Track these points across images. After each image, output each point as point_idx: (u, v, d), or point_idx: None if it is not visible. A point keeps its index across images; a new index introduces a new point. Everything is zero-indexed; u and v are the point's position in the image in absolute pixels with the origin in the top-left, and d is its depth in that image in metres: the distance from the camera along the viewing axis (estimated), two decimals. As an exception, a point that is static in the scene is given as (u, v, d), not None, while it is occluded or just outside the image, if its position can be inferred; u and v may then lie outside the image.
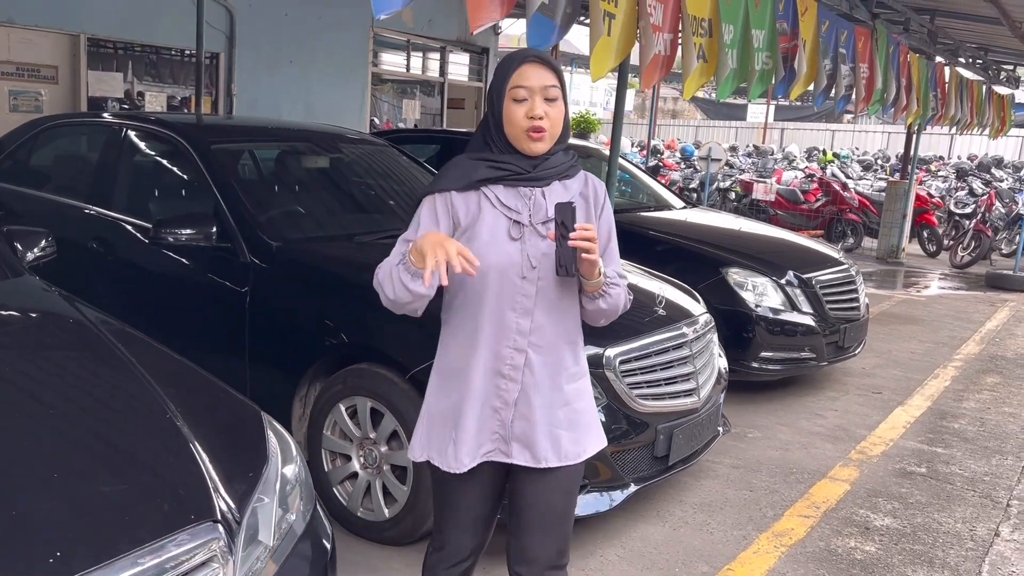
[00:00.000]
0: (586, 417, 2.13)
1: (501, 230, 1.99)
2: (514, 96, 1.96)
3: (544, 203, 2.00)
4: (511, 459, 2.05)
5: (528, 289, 1.99)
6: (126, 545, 1.54)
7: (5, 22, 7.49)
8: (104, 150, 4.40)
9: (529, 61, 1.98)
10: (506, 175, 1.99)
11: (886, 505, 3.92)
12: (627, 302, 2.13)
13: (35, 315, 2.48)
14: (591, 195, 2.09)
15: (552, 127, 1.98)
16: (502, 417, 2.03)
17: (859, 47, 6.22)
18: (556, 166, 2.03)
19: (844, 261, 5.78)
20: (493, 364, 2.02)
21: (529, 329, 2.01)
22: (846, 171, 15.52)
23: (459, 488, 2.10)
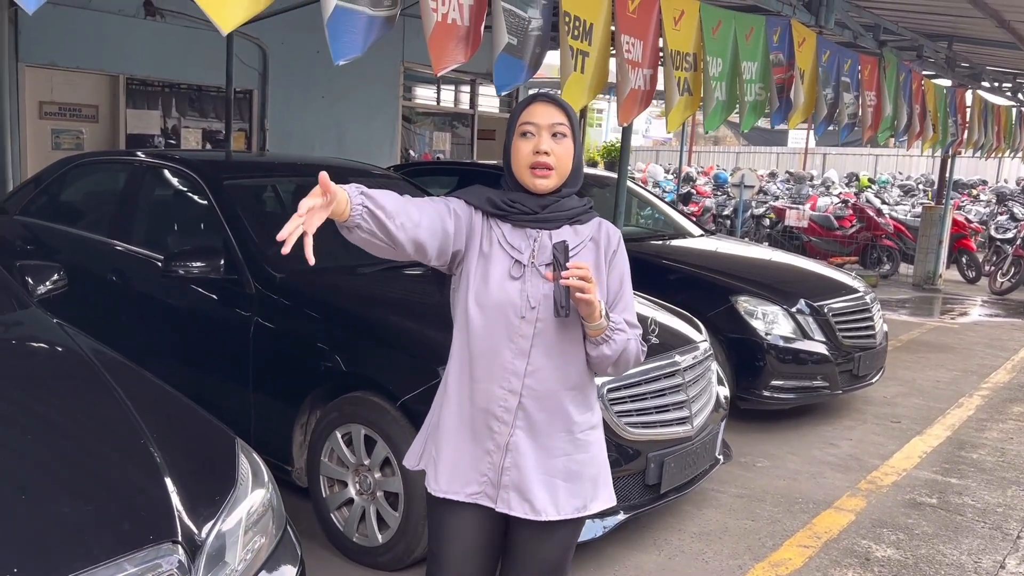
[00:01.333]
0: (591, 470, 2.05)
1: (504, 269, 1.98)
2: (522, 132, 1.97)
3: (549, 244, 1.98)
4: (497, 507, 2.00)
5: (525, 330, 1.96)
6: (81, 563, 1.64)
7: (48, 64, 7.85)
8: (125, 186, 4.60)
9: (539, 100, 2.00)
10: (512, 212, 1.99)
11: (890, 536, 3.87)
12: (640, 353, 2.07)
13: (31, 344, 2.62)
14: (602, 240, 2.06)
15: (559, 165, 1.97)
16: (493, 460, 2.00)
17: (864, 75, 6.22)
18: (567, 209, 2.02)
19: (859, 288, 5.73)
20: (486, 404, 1.99)
21: (524, 371, 1.97)
22: (882, 196, 15.31)
23: (448, 521, 2.05)
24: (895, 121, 6.77)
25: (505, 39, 3.00)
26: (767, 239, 13.05)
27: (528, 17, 3.14)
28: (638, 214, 7.21)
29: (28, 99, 7.82)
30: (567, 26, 3.34)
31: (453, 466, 2.03)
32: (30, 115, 7.88)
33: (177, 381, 2.57)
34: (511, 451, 1.99)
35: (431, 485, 2.06)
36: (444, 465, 2.04)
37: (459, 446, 2.03)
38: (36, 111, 7.95)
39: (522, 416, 1.99)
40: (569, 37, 3.33)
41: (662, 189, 17.84)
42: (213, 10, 2.06)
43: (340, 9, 2.39)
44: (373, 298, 3.68)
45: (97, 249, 4.42)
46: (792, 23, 5.27)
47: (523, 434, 1.99)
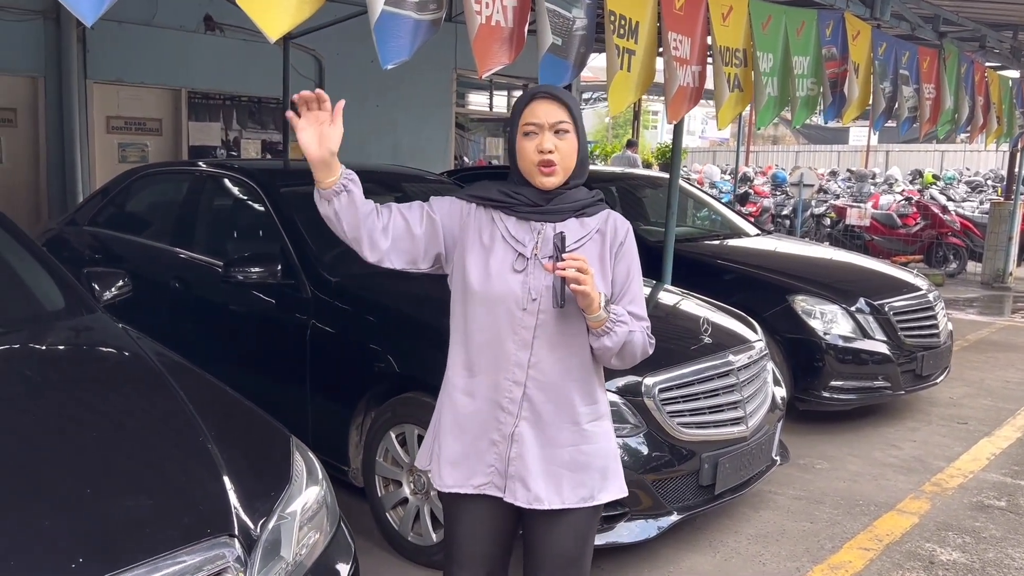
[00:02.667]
0: (598, 461, 2.07)
1: (507, 261, 2.01)
2: (524, 131, 1.99)
3: (551, 237, 1.98)
4: (505, 497, 2.03)
5: (528, 321, 1.99)
6: (143, 554, 1.70)
7: (115, 80, 8.14)
8: (187, 195, 4.75)
9: (539, 97, 2.00)
10: (516, 204, 2.02)
11: (956, 539, 3.77)
12: (647, 344, 2.07)
13: (98, 348, 2.72)
14: (609, 232, 2.06)
15: (563, 160, 1.99)
16: (500, 451, 2.02)
17: (923, 68, 6.05)
18: (572, 201, 2.04)
19: (921, 287, 5.58)
20: (491, 395, 2.02)
21: (528, 362, 1.99)
22: (948, 193, 14.88)
23: (457, 519, 2.10)
24: (956, 114, 6.57)
25: (550, 40, 3.02)
26: (827, 238, 12.79)
27: (572, 17, 3.15)
28: (694, 215, 7.15)
29: (96, 114, 8.13)
30: (612, 25, 3.34)
31: (457, 460, 2.06)
32: (98, 130, 8.20)
33: (237, 383, 2.65)
34: (516, 441, 2.02)
35: (436, 482, 2.10)
36: (447, 460, 2.08)
37: (464, 439, 2.05)
38: (104, 126, 8.26)
39: (527, 407, 2.01)
40: (615, 36, 3.33)
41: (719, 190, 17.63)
42: (260, 18, 2.13)
43: (386, 14, 2.44)
44: (424, 300, 3.72)
45: (160, 256, 4.56)
46: (846, 16, 5.17)
47: (528, 425, 2.02)
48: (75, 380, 2.42)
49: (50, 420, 2.13)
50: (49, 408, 2.20)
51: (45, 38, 7.60)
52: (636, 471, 3.17)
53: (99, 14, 1.79)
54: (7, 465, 1.87)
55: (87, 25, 1.81)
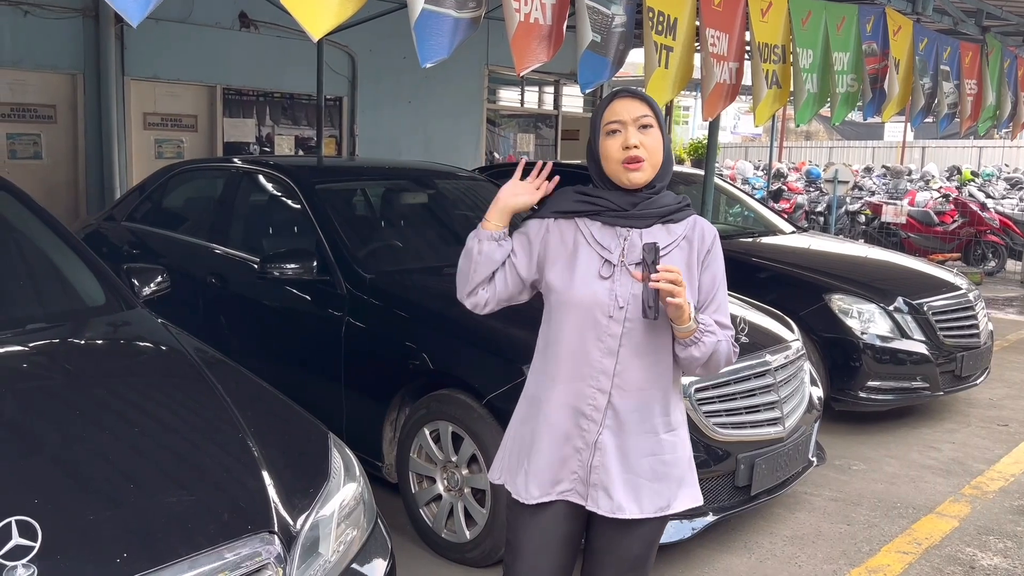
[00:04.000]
0: (676, 471, 2.05)
1: (592, 267, 1.98)
2: (608, 130, 1.97)
3: (639, 244, 1.95)
4: (587, 504, 2.01)
5: (614, 329, 1.96)
6: (185, 549, 1.72)
7: (151, 77, 8.23)
8: (223, 192, 4.80)
9: (620, 96, 2.00)
10: (600, 211, 1.99)
11: (997, 544, 3.70)
12: (731, 354, 2.04)
13: (138, 343, 2.75)
14: (696, 239, 2.02)
15: (651, 156, 1.95)
16: (583, 458, 2.00)
17: (965, 63, 5.93)
18: (659, 207, 2.00)
19: (961, 286, 5.49)
20: (574, 402, 1.99)
21: (614, 371, 1.97)
22: (987, 190, 14.61)
23: (528, 527, 2.06)
24: (997, 110, 6.44)
25: (589, 37, 3.00)
26: (863, 236, 12.62)
27: (612, 14, 3.13)
28: (727, 211, 7.08)
29: (133, 111, 8.23)
30: (651, 21, 3.31)
31: (544, 468, 2.03)
32: (135, 126, 8.29)
33: (272, 379, 2.67)
34: (599, 449, 1.99)
35: (522, 495, 2.05)
36: (536, 470, 2.04)
37: (550, 447, 2.02)
38: (141, 122, 8.36)
39: (611, 415, 1.99)
40: (653, 32, 3.30)
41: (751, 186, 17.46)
42: (303, 17, 2.13)
43: (427, 12, 2.43)
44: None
45: (196, 252, 4.60)
46: (887, 11, 5.08)
47: (610, 433, 1.99)
48: (116, 375, 2.45)
49: (92, 415, 2.15)
50: (91, 403, 2.23)
51: (84, 36, 7.71)
52: (671, 471, 3.14)
53: (145, 14, 1.81)
54: (52, 460, 1.90)
55: (132, 25, 1.83)
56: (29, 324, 2.65)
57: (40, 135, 7.79)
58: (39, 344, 2.55)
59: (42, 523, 1.59)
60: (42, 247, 3.12)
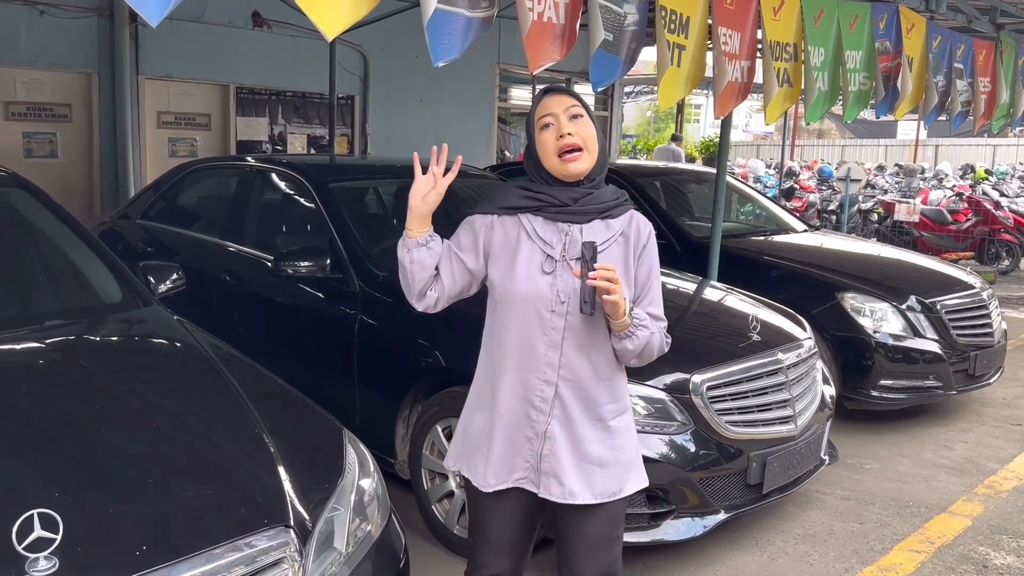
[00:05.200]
0: (625, 455, 2.14)
1: (535, 262, 2.04)
2: (542, 124, 2.04)
3: (579, 239, 2.02)
4: (540, 492, 2.09)
5: (557, 323, 2.03)
6: (203, 543, 1.74)
7: (165, 76, 8.29)
8: (238, 190, 4.83)
9: (549, 93, 2.08)
10: (543, 206, 2.05)
11: (1010, 543, 3.69)
12: (664, 345, 2.12)
13: (155, 340, 2.78)
14: (633, 234, 2.10)
15: (586, 143, 2.02)
16: (534, 448, 2.08)
17: (979, 61, 5.91)
18: (600, 203, 2.07)
19: (974, 284, 5.46)
20: (523, 393, 2.07)
21: (559, 363, 2.04)
22: (1000, 188, 14.52)
23: (489, 509, 2.16)
24: (1011, 108, 6.41)
25: (602, 35, 3.01)
26: (875, 235, 12.57)
27: (624, 13, 3.14)
28: (738, 210, 7.08)
29: (147, 109, 8.29)
30: (663, 20, 3.32)
31: (500, 458, 2.11)
32: (149, 124, 8.36)
33: (285, 376, 2.68)
34: (549, 439, 2.07)
35: (482, 483, 2.14)
36: (493, 459, 2.12)
37: (503, 437, 2.10)
38: (155, 121, 8.42)
39: (559, 405, 2.07)
40: (665, 31, 3.31)
41: (763, 184, 17.41)
42: (318, 17, 2.15)
43: (440, 12, 2.45)
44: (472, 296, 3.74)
45: (210, 250, 4.64)
46: (900, 9, 5.07)
47: (559, 423, 2.07)
48: (133, 371, 2.48)
49: (110, 411, 2.18)
50: (109, 399, 2.25)
51: (99, 35, 7.77)
52: (683, 469, 3.16)
53: (164, 15, 1.83)
54: (72, 455, 1.93)
55: (152, 25, 1.85)
56: (48, 320, 2.68)
57: (56, 134, 7.86)
58: (58, 340, 2.57)
59: (63, 516, 1.61)
60: (60, 244, 3.15)
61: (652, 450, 3.12)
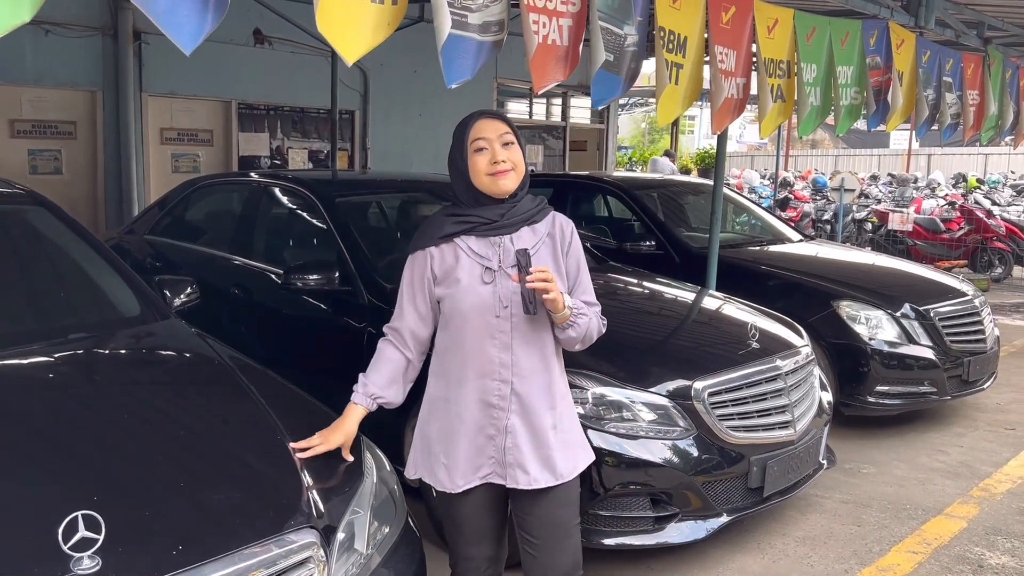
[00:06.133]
0: (573, 436, 2.34)
1: (476, 276, 2.22)
2: (475, 148, 2.20)
3: (512, 248, 2.22)
4: (507, 483, 2.25)
5: (504, 326, 2.21)
6: (235, 542, 1.83)
7: (168, 93, 8.40)
8: (245, 205, 4.93)
9: (482, 117, 2.24)
10: (474, 227, 2.23)
11: (1005, 543, 3.78)
12: (601, 327, 2.33)
13: (176, 352, 2.87)
14: (557, 234, 2.30)
15: (515, 166, 2.21)
16: (497, 443, 2.25)
17: (967, 74, 6.06)
18: (522, 212, 2.25)
19: (967, 292, 5.58)
20: (483, 396, 2.23)
21: (511, 362, 2.22)
22: (992, 197, 14.69)
23: (460, 506, 2.32)
24: (1000, 120, 6.57)
25: (603, 56, 3.13)
26: (869, 244, 12.71)
27: (624, 34, 3.26)
28: (735, 220, 7.19)
29: (151, 126, 8.40)
30: (662, 40, 3.45)
31: (465, 460, 2.26)
32: (152, 141, 8.46)
33: (297, 386, 2.78)
34: (510, 432, 2.24)
35: (447, 485, 2.28)
36: (458, 463, 2.26)
37: (466, 441, 2.26)
38: (158, 137, 8.53)
39: (515, 400, 2.24)
40: (664, 51, 3.43)
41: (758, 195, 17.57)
42: (338, 44, 2.26)
43: (453, 36, 2.57)
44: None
45: (219, 264, 4.73)
46: (890, 25, 5.21)
47: (517, 416, 2.24)
48: (158, 382, 2.58)
49: (139, 419, 2.27)
50: (137, 408, 2.35)
51: (103, 53, 7.88)
52: (686, 473, 3.25)
53: (197, 43, 1.94)
54: (107, 461, 2.02)
55: (186, 53, 1.95)
56: (72, 334, 2.77)
57: (61, 151, 7.96)
58: (83, 353, 2.66)
59: (104, 518, 1.70)
60: (79, 260, 3.24)
61: (656, 455, 3.22)
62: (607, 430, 3.19)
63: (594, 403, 3.23)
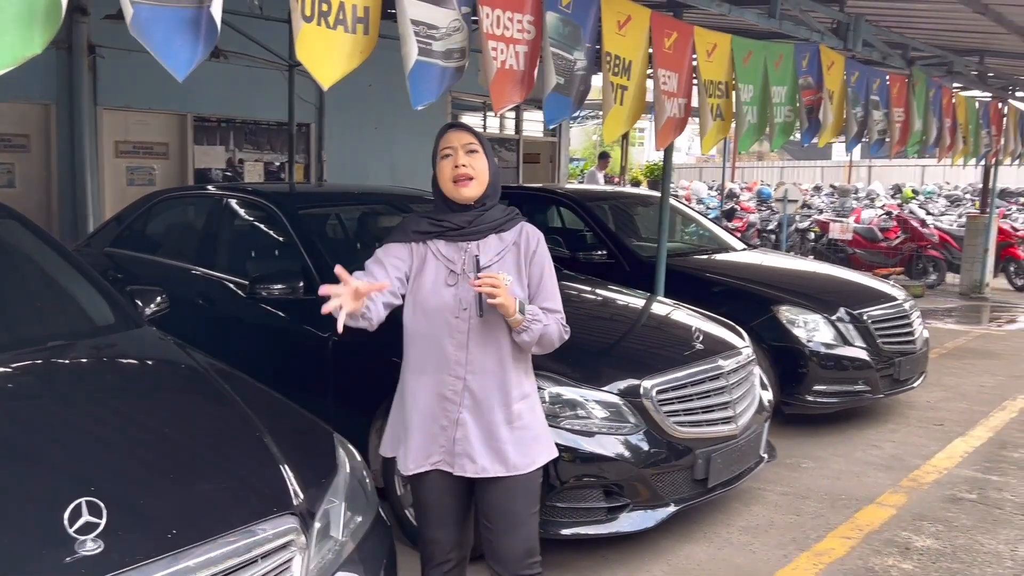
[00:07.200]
0: (531, 432, 2.48)
1: (441, 277, 2.41)
2: (442, 155, 2.40)
3: (477, 254, 2.39)
4: (455, 471, 2.42)
5: (461, 326, 2.39)
6: (225, 526, 2.00)
7: (123, 107, 8.44)
8: (208, 218, 5.04)
9: (452, 128, 2.45)
10: (444, 231, 2.41)
11: (930, 528, 4.08)
12: (563, 333, 2.47)
13: (153, 359, 3.01)
14: (523, 243, 2.46)
15: (478, 175, 2.39)
16: (448, 434, 2.42)
17: (893, 93, 6.46)
18: (491, 221, 2.43)
19: (898, 296, 5.93)
20: (438, 388, 2.41)
21: (466, 360, 2.39)
22: (927, 207, 15.33)
23: (419, 489, 2.51)
24: (924, 136, 6.99)
25: (554, 80, 3.37)
26: (812, 252, 13.18)
27: (574, 59, 3.50)
28: (683, 231, 7.49)
29: (105, 139, 8.42)
30: (608, 64, 3.70)
31: (417, 446, 2.44)
32: (107, 154, 8.48)
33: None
34: (461, 425, 2.41)
35: (402, 466, 2.49)
36: (411, 448, 2.45)
37: (421, 428, 2.44)
38: (113, 150, 8.55)
39: (468, 396, 2.40)
40: (610, 74, 3.69)
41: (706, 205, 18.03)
42: (315, 69, 2.45)
43: (419, 63, 2.77)
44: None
45: (183, 276, 4.83)
46: (820, 48, 5.56)
47: (468, 411, 2.41)
48: (142, 385, 2.72)
49: (128, 419, 2.42)
50: (124, 412, 2.49)
51: (57, 66, 7.89)
52: (637, 466, 3.48)
53: (190, 71, 2.10)
54: (104, 456, 2.17)
55: (179, 79, 2.12)
56: (50, 341, 2.89)
57: (14, 164, 7.94)
58: (64, 358, 2.79)
59: (105, 505, 1.86)
60: (52, 271, 3.35)
61: (608, 449, 3.44)
62: (563, 427, 3.40)
63: (551, 402, 3.43)
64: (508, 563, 2.49)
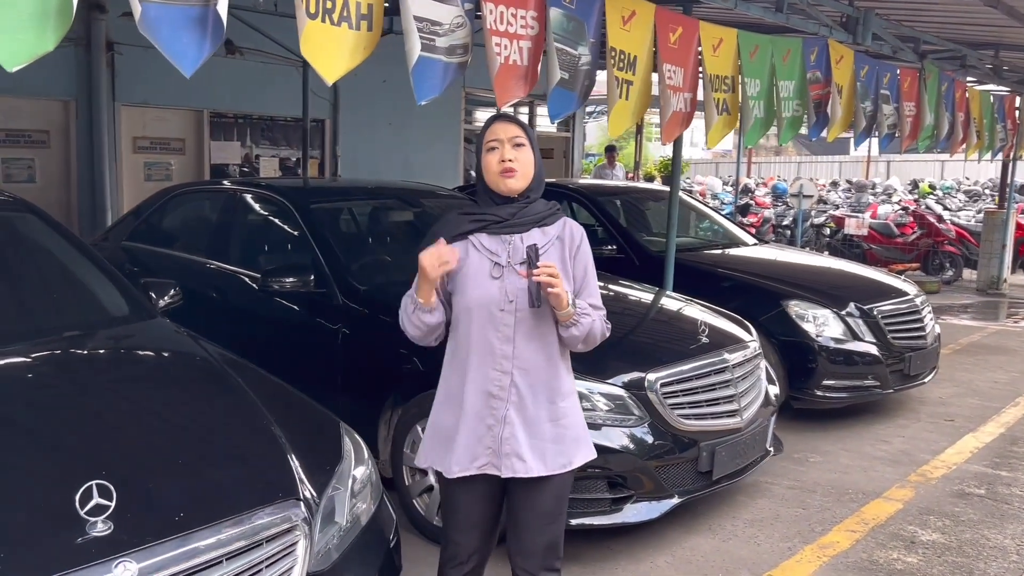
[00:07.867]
0: (572, 432, 2.44)
1: (484, 270, 2.37)
2: (488, 147, 2.38)
3: (521, 246, 2.36)
4: (503, 473, 2.37)
5: (507, 319, 2.35)
6: (230, 511, 2.06)
7: (141, 103, 8.54)
8: (222, 212, 5.12)
9: (499, 120, 2.42)
10: (487, 224, 2.39)
11: (936, 522, 4.09)
12: (605, 330, 2.44)
13: (166, 350, 3.08)
14: (567, 237, 2.43)
15: (523, 168, 2.37)
16: (495, 433, 2.36)
17: (904, 87, 6.45)
18: (534, 214, 2.41)
19: (909, 291, 5.92)
20: (484, 386, 2.36)
21: (512, 354, 2.35)
22: (944, 203, 15.23)
23: (457, 494, 2.45)
24: (935, 130, 6.97)
25: (558, 75, 3.40)
26: (827, 248, 13.14)
27: (578, 54, 3.54)
28: (695, 226, 7.51)
29: (123, 135, 8.53)
30: (613, 59, 3.73)
31: (463, 449, 2.39)
32: (125, 150, 8.59)
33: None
34: (508, 423, 2.36)
35: (448, 471, 2.41)
36: (456, 449, 2.39)
37: (466, 429, 2.38)
38: (131, 146, 8.66)
39: (514, 392, 2.36)
40: (615, 69, 3.72)
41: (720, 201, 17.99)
42: (320, 65, 2.50)
43: (423, 58, 2.82)
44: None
45: (198, 269, 4.92)
46: (829, 42, 5.56)
47: (514, 408, 2.37)
48: (153, 374, 2.79)
49: (140, 406, 2.49)
50: (136, 399, 2.56)
51: (77, 64, 8.00)
52: (641, 458, 3.51)
53: (197, 67, 2.16)
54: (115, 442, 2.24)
55: (186, 76, 2.17)
56: (66, 332, 2.97)
57: (34, 159, 8.07)
58: (79, 349, 2.87)
59: (115, 488, 1.92)
60: (69, 264, 3.43)
61: (614, 441, 3.48)
62: (567, 419, 3.43)
63: (555, 394, 3.47)
64: (533, 558, 2.45)
